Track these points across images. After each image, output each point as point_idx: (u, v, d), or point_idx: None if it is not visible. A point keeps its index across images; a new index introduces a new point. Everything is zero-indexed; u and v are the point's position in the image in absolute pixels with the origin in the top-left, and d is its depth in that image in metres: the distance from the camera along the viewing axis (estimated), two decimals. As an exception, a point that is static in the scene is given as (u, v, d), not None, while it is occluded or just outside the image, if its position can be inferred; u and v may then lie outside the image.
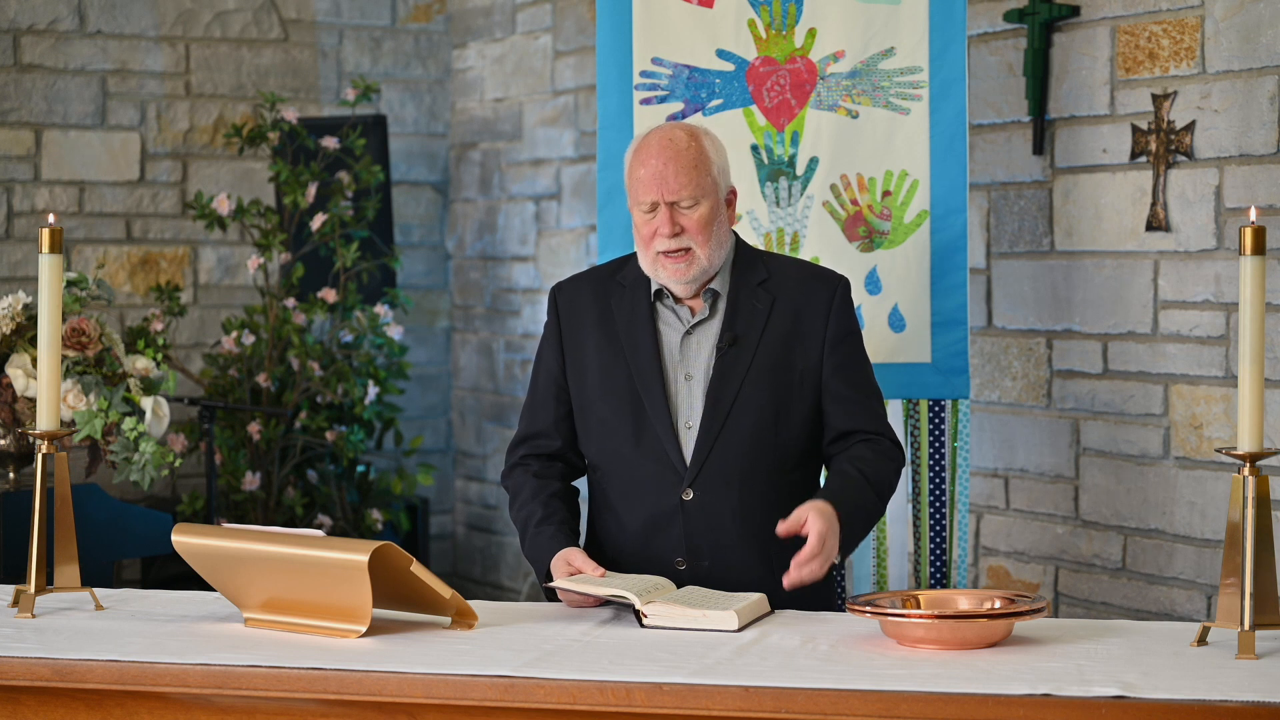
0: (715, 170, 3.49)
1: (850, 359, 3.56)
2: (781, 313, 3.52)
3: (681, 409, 3.51)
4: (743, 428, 3.48)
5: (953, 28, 4.39)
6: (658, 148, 3.48)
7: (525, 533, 3.56)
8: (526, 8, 6.66)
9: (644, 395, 3.50)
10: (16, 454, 4.65)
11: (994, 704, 2.63)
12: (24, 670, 2.95)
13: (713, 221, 3.48)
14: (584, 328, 3.60)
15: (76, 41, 6.40)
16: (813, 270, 3.65)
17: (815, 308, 3.53)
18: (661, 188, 3.45)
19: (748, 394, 3.48)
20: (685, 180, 3.45)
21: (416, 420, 7.00)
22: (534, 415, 3.66)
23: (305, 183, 6.02)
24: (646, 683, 2.75)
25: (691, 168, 3.46)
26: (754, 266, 3.57)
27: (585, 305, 3.62)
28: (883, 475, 3.52)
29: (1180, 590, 4.43)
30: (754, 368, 3.49)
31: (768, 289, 3.54)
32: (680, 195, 3.45)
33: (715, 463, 3.47)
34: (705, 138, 3.51)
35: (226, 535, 3.17)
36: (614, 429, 3.54)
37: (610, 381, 3.54)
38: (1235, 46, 4.22)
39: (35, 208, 6.34)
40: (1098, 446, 4.63)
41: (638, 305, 3.56)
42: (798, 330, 3.52)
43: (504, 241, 6.82)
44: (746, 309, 3.52)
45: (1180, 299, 4.39)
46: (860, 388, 3.56)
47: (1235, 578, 2.86)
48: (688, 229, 3.45)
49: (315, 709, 2.87)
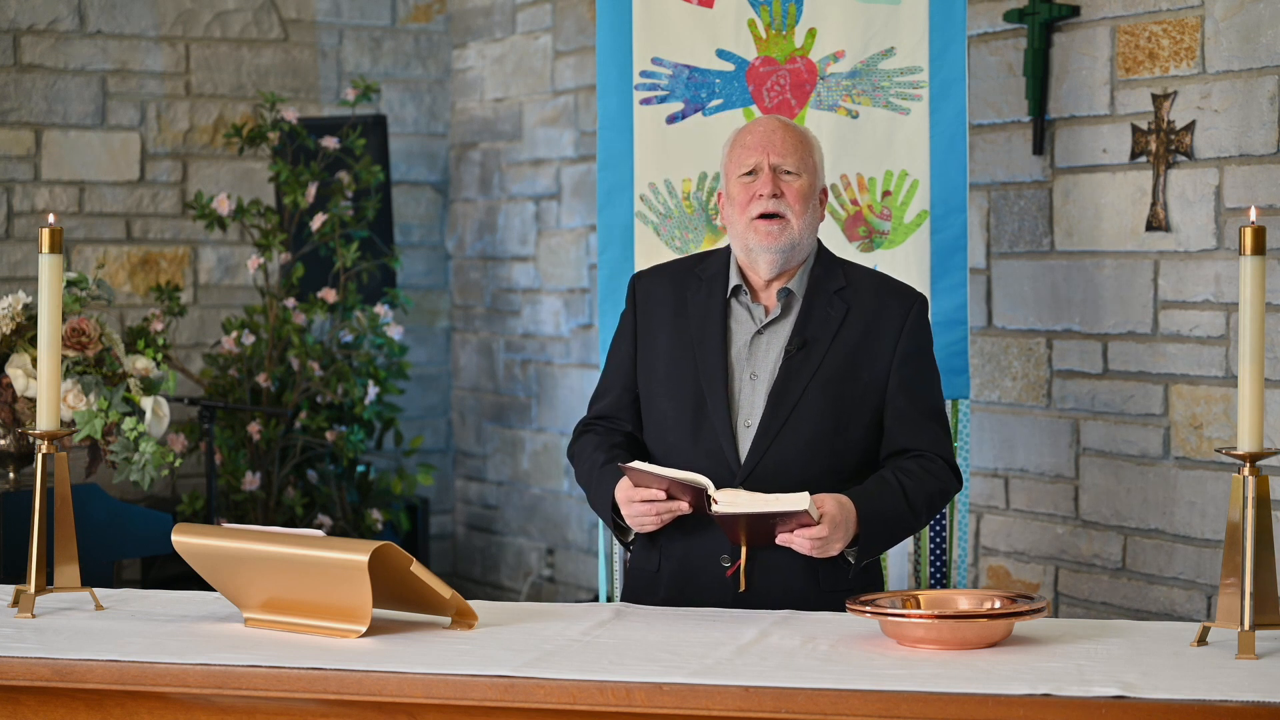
0: (818, 157, 3.54)
1: (917, 377, 3.53)
2: (854, 323, 3.51)
3: (743, 407, 3.50)
4: (801, 432, 3.46)
5: (953, 28, 4.39)
6: (767, 121, 3.55)
7: (590, 485, 3.56)
8: (526, 8, 6.66)
9: (706, 390, 3.50)
10: (16, 454, 4.65)
11: (994, 704, 2.63)
12: (24, 670, 2.94)
13: (810, 199, 3.49)
14: (658, 319, 3.60)
15: (76, 41, 6.40)
16: (892, 285, 3.62)
17: (889, 323, 3.52)
18: (769, 149, 3.48)
19: (811, 399, 3.47)
20: (792, 148, 3.49)
21: (416, 420, 7.00)
22: (603, 400, 3.67)
23: (305, 183, 6.02)
24: (646, 683, 2.74)
25: (799, 142, 3.51)
26: (833, 273, 3.56)
27: (662, 296, 3.61)
28: (923, 489, 3.46)
29: (1180, 590, 4.43)
30: (820, 373, 3.48)
31: (843, 297, 3.53)
32: (785, 160, 3.48)
33: (770, 464, 3.45)
34: (810, 132, 3.58)
35: (226, 535, 3.17)
36: (674, 422, 3.53)
37: (676, 374, 3.54)
38: (1235, 46, 4.22)
39: (35, 208, 6.34)
40: (1098, 446, 4.63)
41: (713, 300, 3.56)
42: (868, 342, 3.50)
43: (504, 241, 6.82)
44: (820, 314, 3.51)
45: (1180, 299, 4.40)
46: (923, 407, 3.53)
47: (1235, 578, 2.86)
48: (787, 195, 3.47)
49: (315, 709, 2.87)
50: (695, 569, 3.46)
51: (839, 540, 3.32)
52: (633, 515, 3.41)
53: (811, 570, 3.42)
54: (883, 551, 3.50)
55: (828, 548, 3.31)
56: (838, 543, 3.32)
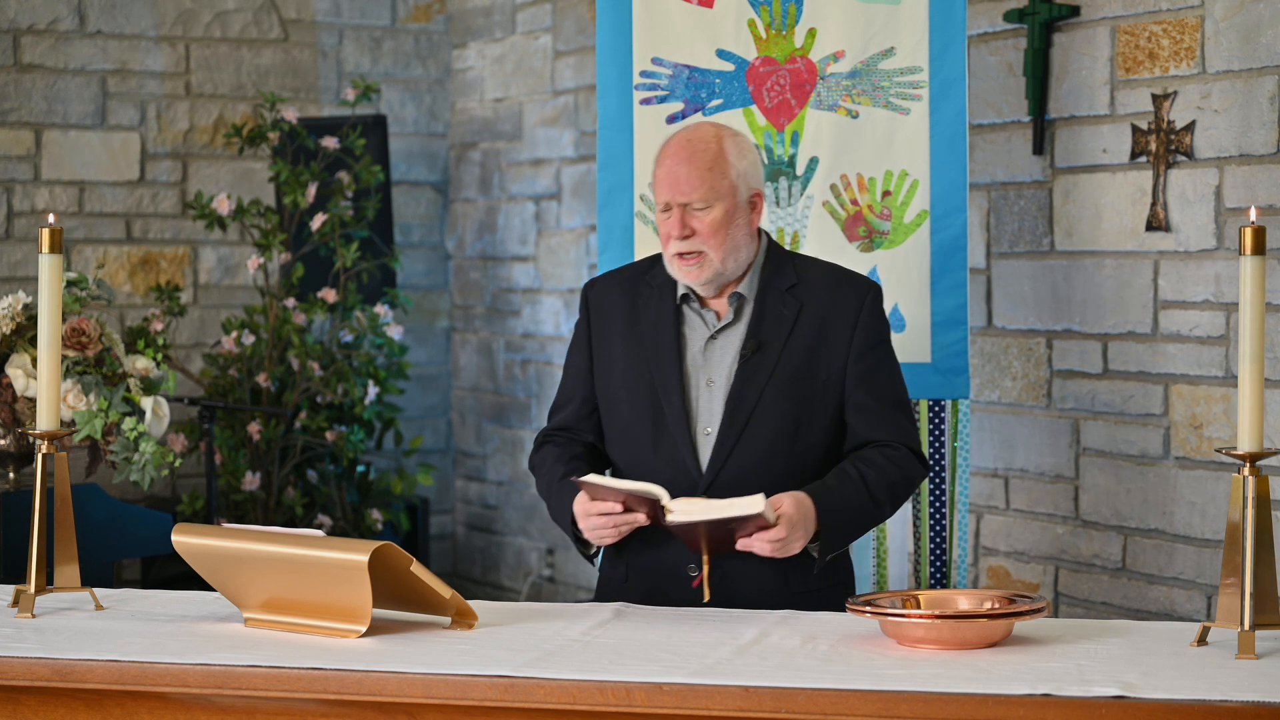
0: (734, 173, 3.43)
1: (876, 368, 3.50)
2: (808, 320, 3.47)
3: (701, 415, 3.47)
4: (761, 436, 3.44)
5: (953, 28, 4.39)
6: (675, 148, 3.45)
7: (549, 497, 3.54)
8: (526, 8, 6.66)
9: (663, 400, 3.47)
10: (16, 454, 4.65)
11: (994, 704, 2.63)
12: (24, 670, 2.94)
13: (727, 225, 3.41)
14: (612, 327, 3.57)
15: (76, 41, 6.40)
16: (844, 276, 3.57)
17: (843, 316, 3.48)
18: (674, 189, 3.41)
19: (768, 402, 3.44)
20: (697, 182, 3.40)
21: (416, 420, 7.00)
22: (562, 411, 3.64)
23: (305, 183, 6.02)
24: (646, 683, 2.74)
25: (706, 170, 3.41)
26: (783, 270, 3.52)
27: (614, 304, 3.58)
28: (885, 479, 3.44)
29: (1180, 590, 4.43)
30: (776, 375, 3.45)
31: (795, 295, 3.49)
32: (691, 197, 3.40)
33: (732, 470, 3.44)
34: (729, 140, 3.46)
35: (226, 535, 3.17)
36: (634, 432, 3.51)
37: (633, 383, 3.51)
38: (1235, 46, 4.22)
39: (35, 208, 6.34)
40: (1098, 446, 4.63)
41: (664, 307, 3.53)
42: (823, 338, 3.47)
43: (504, 241, 6.82)
44: (773, 315, 3.48)
45: (1180, 299, 4.39)
46: (884, 398, 3.50)
47: (1235, 578, 2.86)
48: (699, 231, 3.41)
49: (315, 709, 2.87)
50: (662, 579, 3.44)
51: (799, 539, 3.30)
52: (590, 529, 3.38)
53: (780, 572, 3.40)
54: (846, 544, 3.47)
55: (788, 547, 3.29)
56: (798, 541, 3.30)
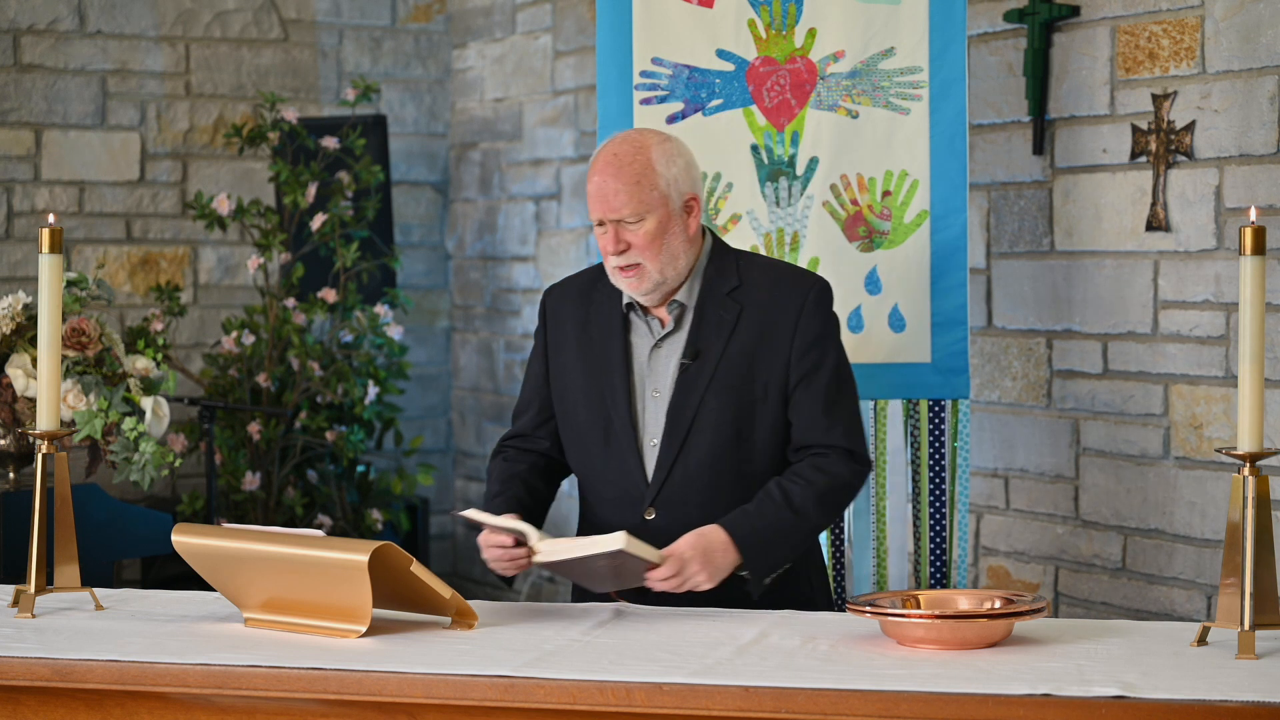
0: (664, 183, 3.38)
1: (817, 367, 3.43)
2: (748, 323, 3.42)
3: (648, 425, 3.45)
4: (703, 445, 3.41)
5: (953, 28, 4.39)
6: (603, 163, 3.39)
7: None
8: (526, 8, 6.66)
9: (612, 410, 3.46)
10: (16, 454, 4.65)
11: (994, 704, 2.63)
12: (24, 670, 2.94)
13: (661, 236, 3.37)
14: (566, 336, 3.55)
15: (76, 41, 6.40)
16: (787, 275, 3.51)
17: (783, 317, 3.43)
18: (604, 205, 3.37)
19: (708, 410, 3.40)
20: (626, 198, 3.35)
21: (416, 420, 7.00)
22: (520, 418, 3.64)
23: (305, 183, 6.02)
24: (646, 683, 2.74)
25: (634, 184, 3.36)
26: (726, 274, 3.47)
27: (569, 313, 3.56)
28: (812, 491, 3.36)
29: (1180, 590, 4.43)
30: (715, 383, 3.41)
31: (736, 298, 3.44)
32: (622, 213, 3.36)
33: (676, 482, 3.42)
34: (656, 148, 3.40)
35: (226, 535, 3.17)
36: (587, 442, 3.50)
37: (586, 393, 3.50)
38: (1235, 46, 4.22)
39: (35, 208, 6.34)
40: (1098, 446, 4.63)
41: (613, 316, 3.50)
42: (764, 341, 3.42)
43: (504, 241, 6.82)
44: (713, 320, 3.43)
45: (1180, 299, 4.39)
46: (822, 398, 3.43)
47: (1235, 578, 2.86)
48: (634, 245, 3.37)
49: (315, 709, 2.87)
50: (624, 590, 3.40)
51: (700, 574, 3.24)
52: (490, 561, 3.37)
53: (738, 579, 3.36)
54: (781, 563, 3.38)
55: (689, 582, 3.24)
56: (701, 576, 3.24)
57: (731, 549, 3.29)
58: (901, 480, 4.49)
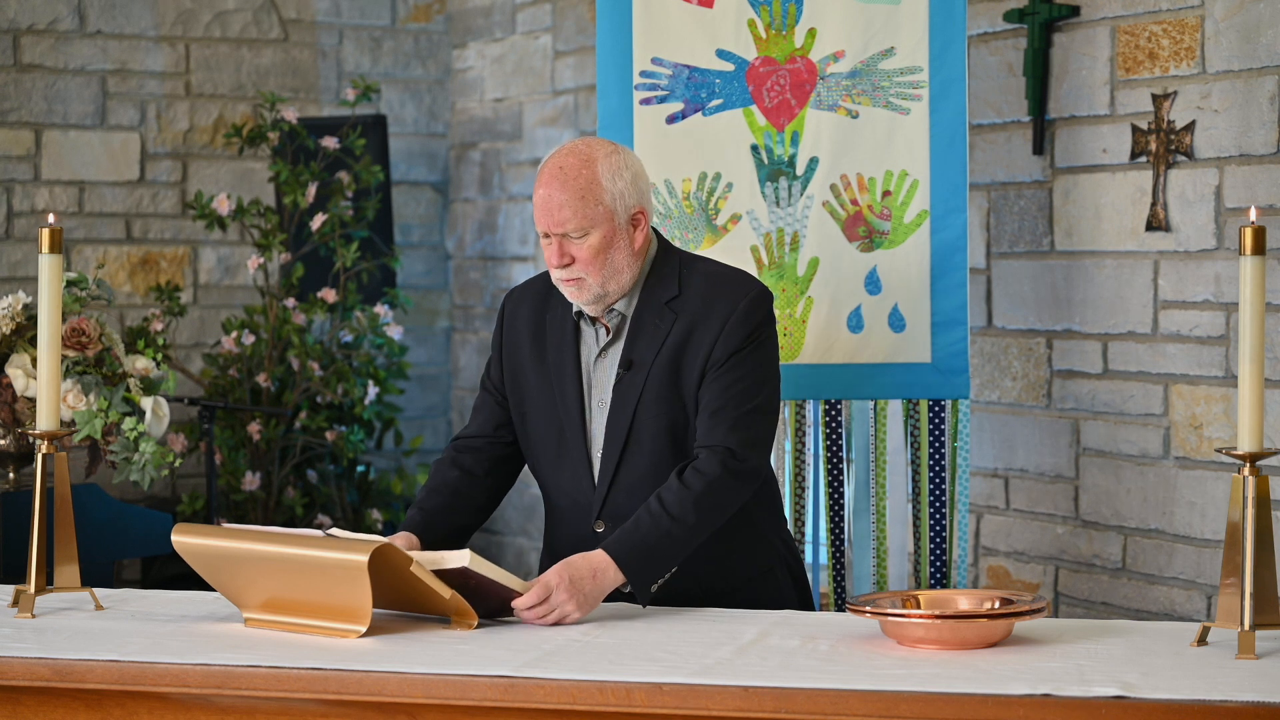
0: (609, 197, 3.34)
1: (728, 373, 3.37)
2: (679, 332, 3.39)
3: (595, 435, 3.44)
4: (641, 455, 3.39)
5: (953, 28, 4.39)
6: (549, 175, 3.36)
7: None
8: (526, 8, 6.66)
9: (564, 419, 3.45)
10: (16, 454, 4.65)
11: (994, 704, 2.63)
12: (24, 670, 2.94)
13: (606, 250, 3.35)
14: (521, 342, 3.54)
15: (76, 41, 6.40)
16: (724, 281, 3.45)
17: (710, 324, 3.39)
18: (548, 219, 3.34)
19: (643, 420, 3.39)
20: (570, 213, 3.32)
21: (416, 420, 7.00)
22: (474, 420, 3.61)
23: (305, 183, 6.02)
24: (646, 683, 2.74)
25: (578, 199, 3.33)
26: (667, 283, 3.43)
27: (524, 318, 3.55)
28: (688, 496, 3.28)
29: (1180, 590, 4.43)
30: (646, 392, 3.39)
31: (673, 307, 3.41)
32: (566, 227, 3.33)
33: (620, 488, 3.41)
34: (603, 162, 3.36)
35: (226, 535, 3.17)
36: (542, 451, 3.50)
37: (541, 402, 3.49)
38: (1235, 46, 4.22)
39: (35, 208, 6.34)
40: (1098, 446, 4.63)
41: (565, 324, 3.49)
42: (689, 348, 3.39)
43: (504, 241, 6.82)
44: (649, 330, 3.41)
45: (1180, 299, 4.39)
46: (720, 398, 3.36)
47: (1235, 578, 2.86)
48: (578, 259, 3.34)
49: (315, 709, 2.87)
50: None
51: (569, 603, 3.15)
52: None
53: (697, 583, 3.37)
54: (665, 571, 3.30)
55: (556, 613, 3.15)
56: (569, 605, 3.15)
57: (608, 571, 3.21)
58: (901, 480, 4.49)
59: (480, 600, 3.15)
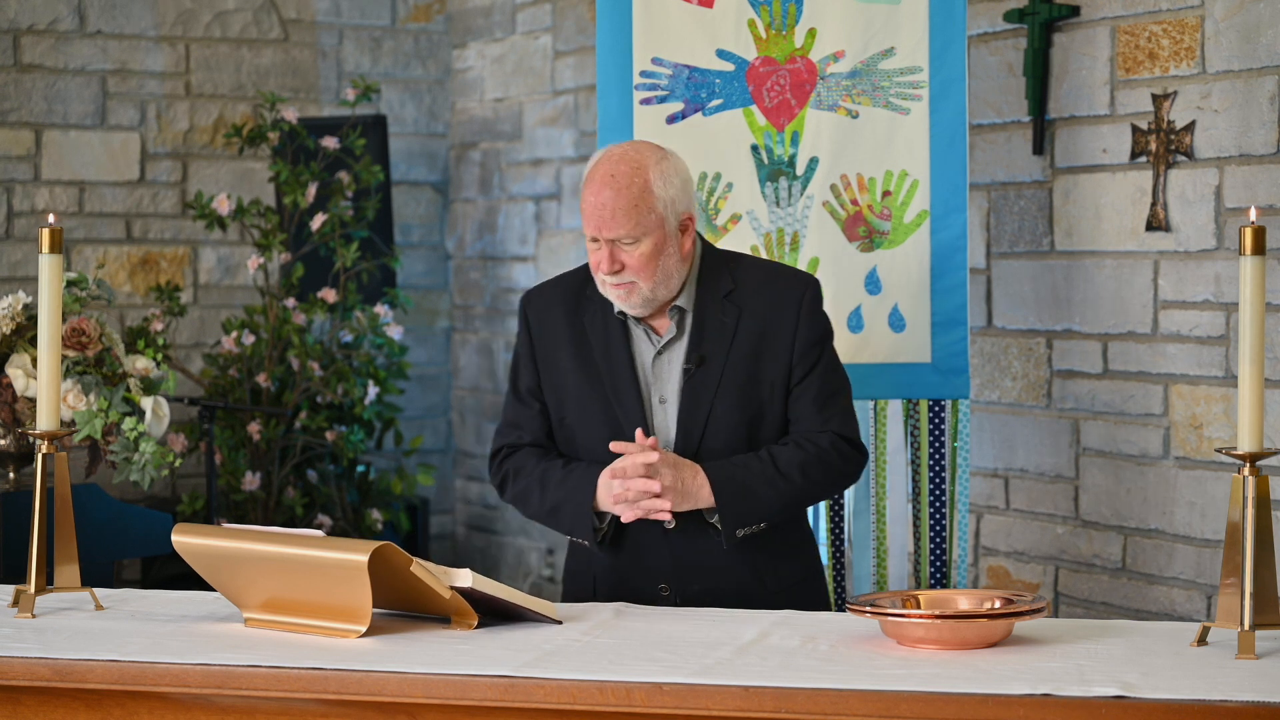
0: (661, 205, 3.36)
1: (817, 366, 3.47)
2: (749, 325, 3.43)
3: (658, 433, 3.45)
4: (717, 450, 3.41)
5: (953, 28, 4.39)
6: (600, 182, 3.38)
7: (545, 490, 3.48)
8: (526, 8, 6.66)
9: (622, 419, 3.44)
10: (16, 454, 4.65)
11: (994, 704, 2.63)
12: (24, 670, 2.94)
13: (657, 256, 3.37)
14: (557, 345, 3.53)
15: (76, 41, 6.40)
16: (780, 275, 3.54)
17: (783, 316, 3.44)
18: (600, 224, 3.36)
19: (719, 414, 3.41)
20: (624, 219, 3.34)
21: (416, 420, 7.00)
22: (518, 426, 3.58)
23: (305, 183, 6.02)
24: (646, 683, 2.74)
25: (632, 207, 3.34)
26: (719, 277, 3.47)
27: (557, 321, 3.54)
28: (796, 456, 3.39)
29: (1180, 590, 4.43)
30: (723, 386, 3.42)
31: (734, 301, 3.44)
32: (619, 234, 3.35)
33: None
34: (654, 168, 3.38)
35: (226, 535, 3.17)
36: (589, 455, 3.48)
37: (588, 403, 3.48)
38: (1235, 46, 4.22)
39: (35, 208, 6.34)
40: (1098, 446, 4.63)
41: (610, 324, 3.49)
42: (766, 341, 3.44)
43: (504, 241, 6.82)
44: (714, 325, 3.44)
45: (1180, 299, 4.40)
46: (821, 396, 3.46)
47: (1235, 578, 2.86)
48: (629, 265, 3.36)
49: (315, 709, 2.87)
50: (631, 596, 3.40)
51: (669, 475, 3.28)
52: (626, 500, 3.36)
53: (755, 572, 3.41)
54: (755, 519, 3.39)
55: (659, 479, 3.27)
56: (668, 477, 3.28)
57: (705, 487, 3.32)
58: (901, 480, 4.49)
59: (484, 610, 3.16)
